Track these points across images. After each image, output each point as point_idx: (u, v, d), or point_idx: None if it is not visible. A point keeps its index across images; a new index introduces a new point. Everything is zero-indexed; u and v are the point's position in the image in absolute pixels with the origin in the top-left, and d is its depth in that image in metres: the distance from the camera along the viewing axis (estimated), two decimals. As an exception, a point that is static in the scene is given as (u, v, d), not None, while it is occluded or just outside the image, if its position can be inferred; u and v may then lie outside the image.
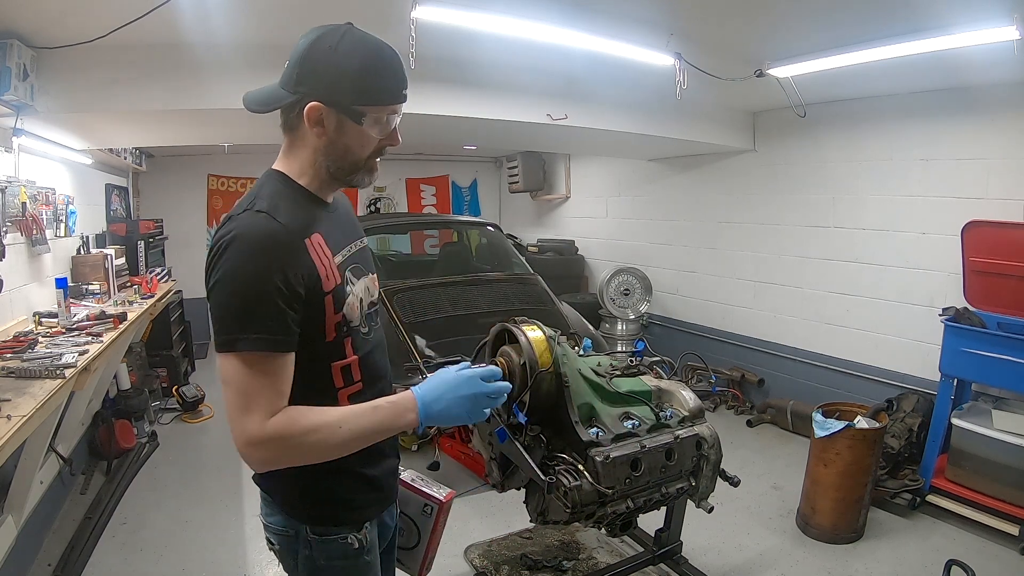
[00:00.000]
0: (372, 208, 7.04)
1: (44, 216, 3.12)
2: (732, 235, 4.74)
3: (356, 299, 1.12)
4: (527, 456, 1.75)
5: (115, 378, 3.88)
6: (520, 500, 1.96)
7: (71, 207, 3.60)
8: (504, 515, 3.00)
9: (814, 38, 2.71)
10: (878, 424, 2.83)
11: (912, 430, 3.21)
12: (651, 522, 2.43)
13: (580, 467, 1.72)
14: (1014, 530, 2.70)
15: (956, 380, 2.97)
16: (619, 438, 1.79)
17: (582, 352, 2.13)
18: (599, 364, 2.05)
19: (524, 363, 1.77)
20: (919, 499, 3.02)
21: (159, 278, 4.46)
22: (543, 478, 1.70)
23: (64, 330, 2.66)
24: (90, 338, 2.57)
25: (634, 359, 2.14)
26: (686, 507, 2.39)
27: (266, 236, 0.97)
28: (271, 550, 1.20)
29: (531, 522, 1.90)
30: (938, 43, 2.46)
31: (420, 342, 3.12)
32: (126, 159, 4.71)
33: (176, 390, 4.50)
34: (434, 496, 1.45)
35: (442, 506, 1.44)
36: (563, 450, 1.78)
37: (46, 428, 2.37)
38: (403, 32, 2.28)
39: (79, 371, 2.18)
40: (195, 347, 5.57)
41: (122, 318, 2.89)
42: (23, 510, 2.42)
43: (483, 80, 3.24)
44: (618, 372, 2.05)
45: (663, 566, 2.52)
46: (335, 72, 1.00)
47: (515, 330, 1.84)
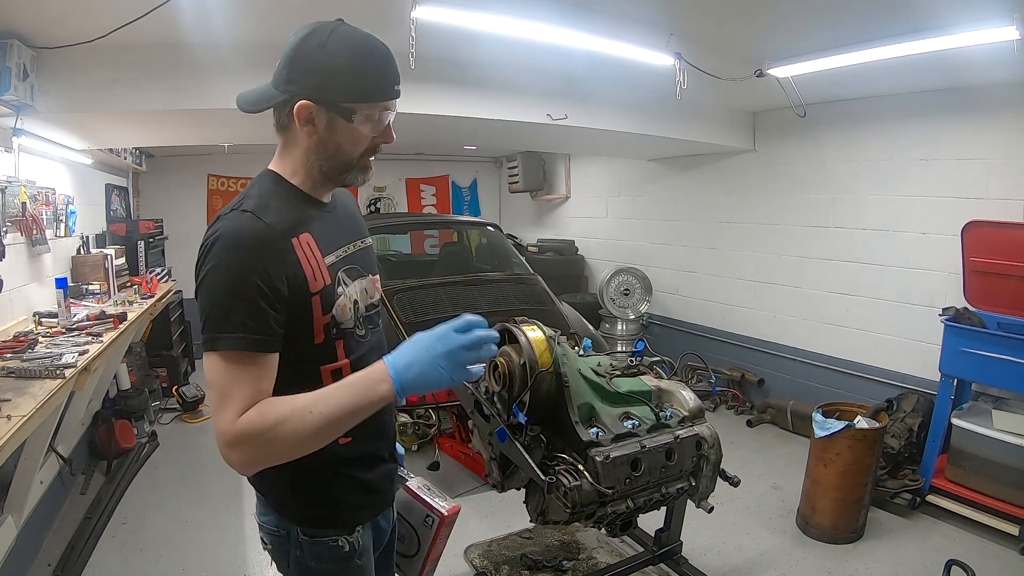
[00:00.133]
0: (372, 208, 7.04)
1: (44, 216, 3.12)
2: (732, 235, 4.74)
3: (348, 300, 1.09)
4: (527, 456, 1.75)
5: (115, 378, 3.88)
6: (520, 500, 1.96)
7: (71, 207, 3.59)
8: (504, 515, 3.00)
9: (814, 38, 2.71)
10: (878, 424, 2.83)
11: (912, 430, 3.21)
12: (651, 522, 2.43)
13: (580, 467, 1.71)
14: (1014, 530, 2.71)
15: (956, 380, 2.97)
16: (619, 438, 1.79)
17: (582, 352, 2.13)
18: (599, 364, 2.05)
19: (524, 363, 1.78)
20: (919, 499, 3.02)
21: (159, 278, 4.46)
22: (543, 478, 1.70)
23: (64, 330, 2.66)
24: (90, 338, 2.57)
25: (634, 359, 2.14)
26: (686, 507, 2.39)
27: (248, 236, 0.96)
28: (265, 550, 1.19)
29: (531, 522, 1.90)
30: (938, 43, 2.46)
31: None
32: (126, 159, 4.70)
33: (176, 390, 4.51)
34: (436, 508, 1.40)
35: (443, 519, 1.40)
36: (563, 450, 1.78)
37: (46, 428, 2.37)
38: (403, 32, 2.28)
39: (79, 371, 2.18)
40: (195, 347, 5.55)
41: (122, 318, 2.89)
42: (23, 510, 2.42)
43: (483, 80, 3.24)
44: (618, 372, 2.05)
45: (663, 566, 2.52)
46: (324, 69, 0.98)
47: (515, 330, 1.84)
